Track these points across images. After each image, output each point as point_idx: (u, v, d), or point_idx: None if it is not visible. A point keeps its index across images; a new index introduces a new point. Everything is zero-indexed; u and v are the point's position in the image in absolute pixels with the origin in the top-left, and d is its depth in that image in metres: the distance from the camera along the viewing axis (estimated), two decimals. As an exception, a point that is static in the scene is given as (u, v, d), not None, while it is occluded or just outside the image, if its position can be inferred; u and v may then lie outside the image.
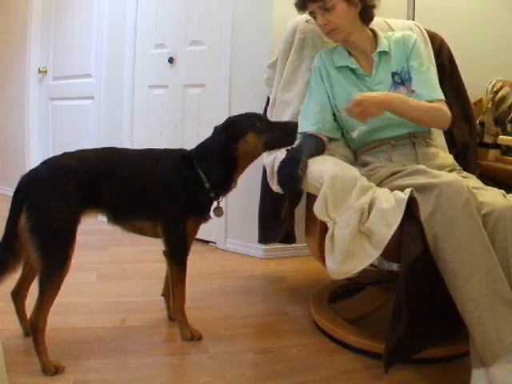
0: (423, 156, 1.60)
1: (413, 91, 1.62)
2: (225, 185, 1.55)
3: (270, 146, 1.54)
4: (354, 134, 1.58)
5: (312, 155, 1.52)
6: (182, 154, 1.55)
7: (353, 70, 1.66)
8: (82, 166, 1.40)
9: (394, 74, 1.64)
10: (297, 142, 1.62)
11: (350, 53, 1.68)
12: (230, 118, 1.57)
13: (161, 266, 1.63)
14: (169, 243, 1.52)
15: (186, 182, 1.50)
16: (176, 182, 1.49)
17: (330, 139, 1.69)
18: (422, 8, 2.41)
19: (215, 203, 1.59)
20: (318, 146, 1.59)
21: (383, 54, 1.65)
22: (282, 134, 1.53)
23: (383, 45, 1.65)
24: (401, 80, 1.63)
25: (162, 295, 1.73)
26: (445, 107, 1.61)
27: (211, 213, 1.59)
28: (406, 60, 1.65)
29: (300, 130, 1.67)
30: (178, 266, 1.53)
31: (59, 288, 1.32)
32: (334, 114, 1.69)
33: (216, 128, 1.54)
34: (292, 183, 1.45)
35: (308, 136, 1.62)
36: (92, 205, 1.43)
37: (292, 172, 1.43)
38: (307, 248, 1.75)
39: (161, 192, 1.48)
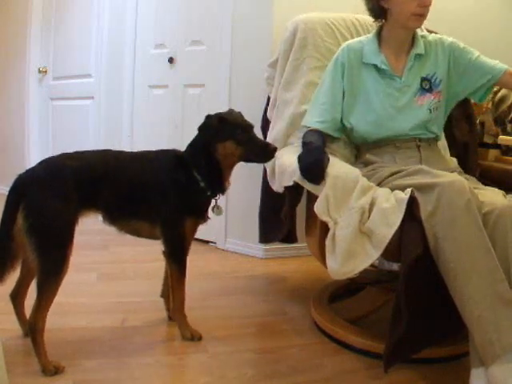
0: (427, 159, 1.58)
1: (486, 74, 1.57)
2: (217, 183, 1.54)
3: (245, 159, 1.52)
4: None
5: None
6: (175, 155, 1.55)
7: (380, 70, 1.60)
8: (80, 167, 1.39)
9: (423, 80, 1.60)
10: (302, 134, 1.63)
11: (379, 48, 1.62)
12: (216, 116, 1.52)
13: (161, 266, 1.63)
14: (168, 244, 1.52)
15: (182, 182, 1.50)
16: (172, 182, 1.49)
17: (333, 138, 1.69)
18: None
19: (213, 202, 1.58)
20: (324, 142, 1.59)
21: (418, 56, 1.61)
22: (259, 151, 1.51)
23: (420, 47, 1.61)
24: (429, 86, 1.60)
25: (161, 296, 1.73)
26: None
27: (210, 212, 1.58)
28: (448, 63, 1.62)
29: (306, 123, 1.67)
30: (178, 266, 1.53)
31: (57, 289, 1.31)
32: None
33: (202, 125, 1.54)
34: (318, 169, 1.43)
35: (314, 132, 1.61)
36: (90, 205, 1.42)
37: (319, 158, 1.43)
38: (307, 248, 1.75)
39: (158, 193, 1.48)
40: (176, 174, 1.50)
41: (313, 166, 1.44)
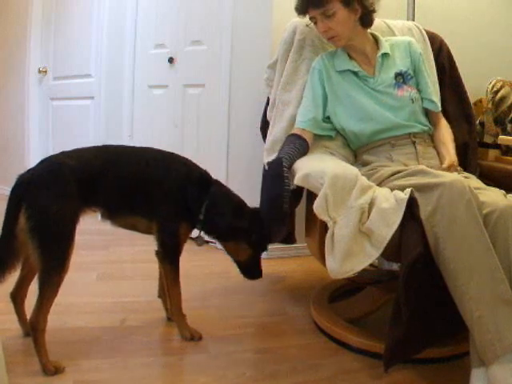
0: (423, 155, 1.61)
1: (423, 98, 1.70)
2: (212, 229, 1.59)
3: (239, 262, 1.62)
4: None
5: (293, 162, 1.54)
6: (200, 174, 1.57)
7: (355, 73, 1.67)
8: (80, 165, 1.39)
9: (396, 75, 1.66)
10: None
11: (350, 56, 1.69)
12: (255, 213, 1.56)
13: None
14: (161, 243, 1.53)
15: (189, 197, 1.52)
16: (180, 191, 1.51)
17: (331, 138, 1.70)
18: (421, 8, 2.41)
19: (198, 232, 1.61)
20: (300, 149, 1.60)
21: (385, 55, 1.68)
22: (251, 270, 1.61)
23: (385, 47, 1.68)
24: (403, 80, 1.66)
25: (159, 297, 1.73)
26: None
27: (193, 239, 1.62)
28: (411, 62, 1.70)
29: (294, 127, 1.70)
30: (171, 266, 1.54)
31: (59, 288, 1.32)
32: (328, 117, 1.71)
33: (238, 208, 1.58)
34: (279, 222, 1.48)
35: (291, 138, 1.63)
36: (90, 202, 1.43)
37: (279, 210, 1.44)
38: (307, 248, 1.75)
39: (161, 194, 1.49)
40: (190, 188, 1.52)
41: (271, 214, 1.47)
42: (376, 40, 1.72)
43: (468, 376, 1.18)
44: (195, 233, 1.60)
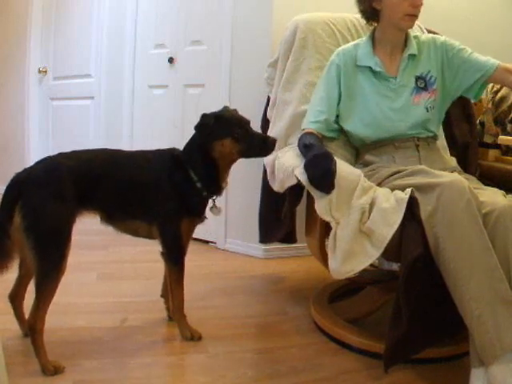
0: (426, 159, 1.58)
1: (476, 70, 1.57)
2: (214, 184, 1.54)
3: (244, 155, 1.51)
4: None
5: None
6: (171, 154, 1.54)
7: (375, 72, 1.61)
8: (77, 166, 1.39)
9: (417, 78, 1.61)
10: (298, 137, 1.62)
11: (374, 50, 1.63)
12: (211, 115, 1.50)
13: (161, 266, 1.63)
14: (165, 244, 1.52)
15: (178, 182, 1.50)
16: (168, 182, 1.49)
17: (332, 139, 1.69)
18: (422, 8, 2.40)
19: (211, 202, 1.58)
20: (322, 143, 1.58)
21: (411, 56, 1.62)
22: (258, 146, 1.49)
23: (413, 47, 1.62)
24: (425, 84, 1.61)
25: (162, 296, 1.73)
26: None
27: (208, 212, 1.58)
28: (438, 59, 1.62)
29: (303, 126, 1.67)
30: (176, 267, 1.54)
31: (56, 288, 1.31)
32: (337, 116, 1.67)
33: (198, 124, 1.51)
34: (329, 179, 1.38)
35: (309, 134, 1.61)
36: (87, 205, 1.42)
37: (328, 167, 1.37)
38: (307, 248, 1.75)
39: (154, 193, 1.48)
40: (173, 174, 1.50)
41: (323, 179, 1.39)
42: (406, 36, 1.63)
43: (468, 376, 1.18)
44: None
